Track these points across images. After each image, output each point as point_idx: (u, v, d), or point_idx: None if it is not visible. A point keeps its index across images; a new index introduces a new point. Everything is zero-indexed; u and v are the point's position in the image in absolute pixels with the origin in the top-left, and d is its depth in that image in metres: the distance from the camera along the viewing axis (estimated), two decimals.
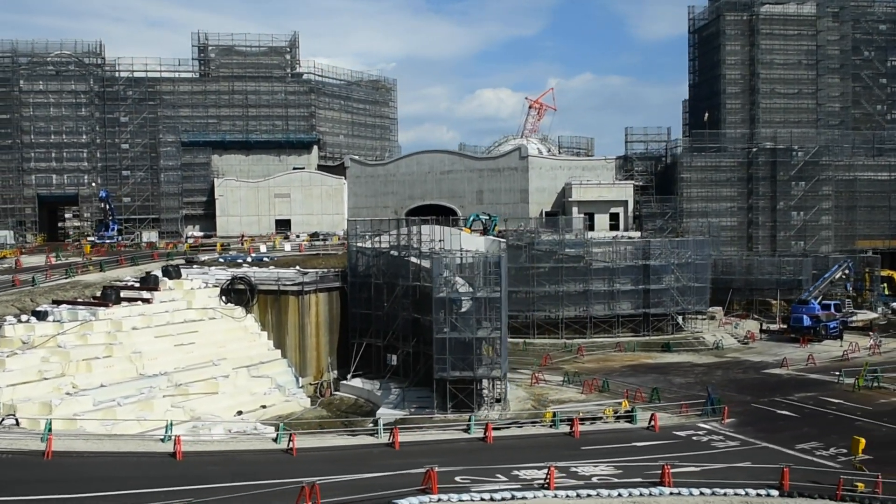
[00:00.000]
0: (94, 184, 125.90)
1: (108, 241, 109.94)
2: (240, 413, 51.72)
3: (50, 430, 36.01)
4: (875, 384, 57.78)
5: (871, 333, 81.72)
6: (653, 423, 46.82)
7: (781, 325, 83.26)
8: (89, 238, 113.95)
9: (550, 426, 46.09)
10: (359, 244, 65.06)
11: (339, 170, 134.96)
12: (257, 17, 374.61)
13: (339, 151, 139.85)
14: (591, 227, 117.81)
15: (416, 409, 51.49)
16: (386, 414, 50.93)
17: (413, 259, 59.51)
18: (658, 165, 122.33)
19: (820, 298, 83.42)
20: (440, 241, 59.78)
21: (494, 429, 45.53)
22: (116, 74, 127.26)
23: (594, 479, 36.53)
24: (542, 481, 34.93)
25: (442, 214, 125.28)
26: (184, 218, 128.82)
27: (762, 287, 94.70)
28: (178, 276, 64.24)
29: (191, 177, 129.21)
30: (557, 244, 79.10)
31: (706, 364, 69.30)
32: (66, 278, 68.03)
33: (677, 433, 45.83)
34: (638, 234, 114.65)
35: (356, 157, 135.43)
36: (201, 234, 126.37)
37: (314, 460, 38.14)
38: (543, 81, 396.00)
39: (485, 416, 48.99)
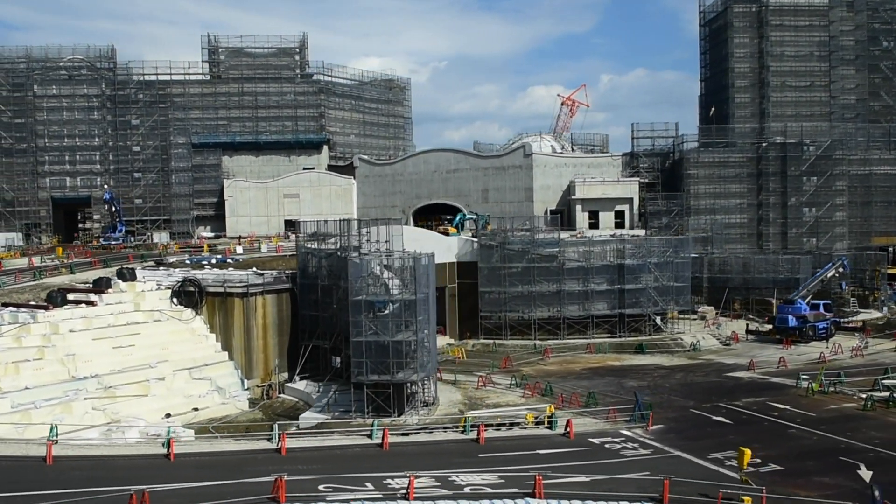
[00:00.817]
0: (105, 185, 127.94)
1: (113, 242, 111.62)
2: (168, 416, 51.67)
3: None
4: (831, 389, 55.50)
5: (857, 334, 78.71)
6: (569, 429, 45.59)
7: (767, 326, 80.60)
8: (100, 240, 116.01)
9: (461, 431, 45.15)
10: (308, 245, 64.76)
11: (349, 170, 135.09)
12: (305, 18, 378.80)
13: (351, 151, 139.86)
14: (596, 226, 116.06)
15: (340, 412, 50.91)
16: (308, 418, 50.59)
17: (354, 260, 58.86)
18: (666, 162, 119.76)
19: (809, 298, 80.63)
20: (385, 241, 58.96)
21: (402, 434, 44.94)
22: (129, 78, 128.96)
23: (466, 490, 35.63)
24: (405, 491, 34.18)
25: (449, 213, 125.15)
26: (195, 219, 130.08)
27: (759, 286, 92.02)
28: (133, 278, 64.62)
29: (201, 178, 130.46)
30: (529, 244, 77.67)
31: (673, 367, 67.41)
32: (34, 280, 69.17)
33: (593, 440, 44.50)
34: (643, 232, 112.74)
35: (365, 157, 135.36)
36: (212, 234, 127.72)
37: (189, 465, 37.95)
38: (596, 78, 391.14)
39: (403, 420, 48.27)
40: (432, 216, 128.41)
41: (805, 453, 42.06)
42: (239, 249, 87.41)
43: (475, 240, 79.78)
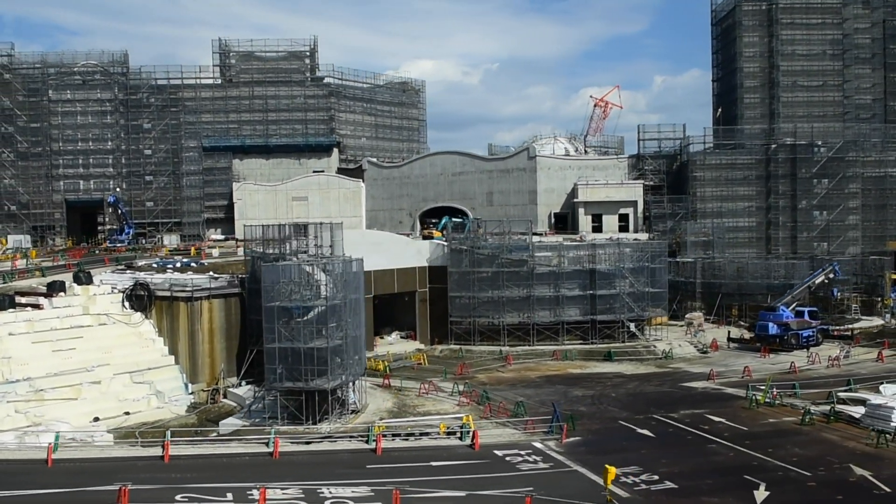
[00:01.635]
0: (117, 189, 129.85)
1: (119, 244, 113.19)
2: (96, 419, 51.81)
3: None
4: (777, 401, 53.34)
5: (839, 342, 75.84)
6: (469, 437, 44.60)
7: (750, 334, 78.04)
8: (107, 242, 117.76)
9: (365, 441, 44.39)
10: (256, 250, 64.54)
11: (359, 172, 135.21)
12: (360, 20, 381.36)
13: (363, 154, 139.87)
14: (600, 229, 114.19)
15: (261, 419, 50.44)
16: (228, 424, 50.21)
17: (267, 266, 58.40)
18: (674, 164, 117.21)
19: (794, 305, 77.95)
20: (329, 245, 58.38)
21: (305, 443, 44.37)
22: (141, 82, 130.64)
23: (327, 503, 34.85)
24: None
25: (455, 217, 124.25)
26: (205, 221, 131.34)
27: (753, 291, 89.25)
28: (89, 281, 65.13)
29: (212, 181, 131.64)
30: (498, 248, 76.43)
31: (633, 375, 65.60)
32: (3, 283, 70.18)
33: (497, 452, 43.26)
34: (646, 235, 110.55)
35: (373, 160, 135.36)
36: (222, 237, 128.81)
37: (62, 472, 37.89)
38: (650, 79, 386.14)
39: (317, 428, 47.61)
40: (439, 219, 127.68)
41: (710, 471, 40.30)
42: (215, 252, 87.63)
43: (446, 243, 78.78)
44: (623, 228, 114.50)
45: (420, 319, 77.85)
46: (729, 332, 79.89)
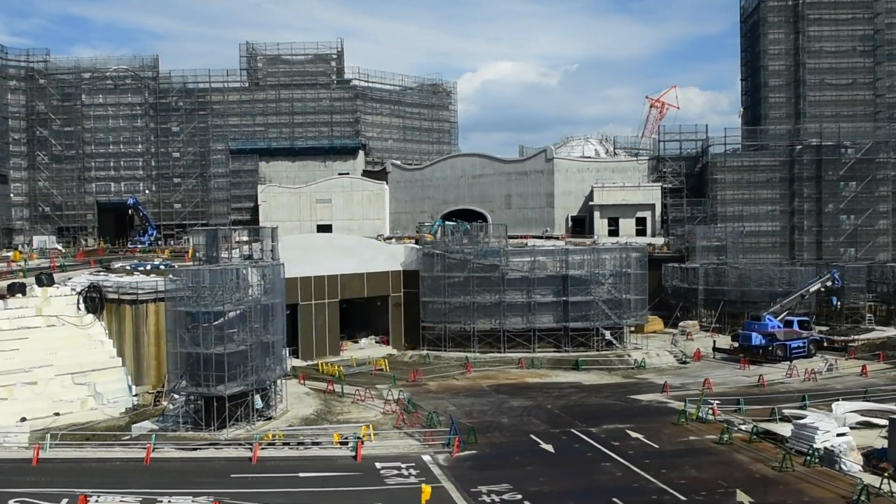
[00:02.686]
0: (145, 191, 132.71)
1: (139, 246, 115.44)
2: (23, 419, 52.38)
3: None
4: (710, 417, 50.56)
5: (822, 356, 71.83)
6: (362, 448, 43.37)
7: (733, 344, 74.52)
8: (128, 243, 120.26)
9: (249, 448, 43.64)
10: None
11: (384, 175, 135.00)
12: (443, 24, 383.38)
13: (390, 156, 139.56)
14: (616, 233, 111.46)
15: (174, 424, 50.18)
16: (141, 427, 50.10)
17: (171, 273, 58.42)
18: (696, 166, 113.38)
19: (784, 315, 74.24)
20: (268, 251, 57.86)
21: (192, 449, 43.92)
22: (171, 86, 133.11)
23: None
24: None
25: (475, 219, 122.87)
26: (232, 223, 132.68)
27: (756, 300, 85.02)
28: (50, 283, 66.12)
29: (239, 183, 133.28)
30: (469, 252, 74.81)
31: (590, 386, 63.14)
32: None
33: (377, 464, 41.78)
34: (662, 240, 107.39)
35: (396, 162, 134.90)
36: (248, 238, 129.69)
37: None
38: (734, 80, 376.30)
39: (217, 435, 47.06)
40: (459, 221, 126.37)
41: (581, 491, 38.18)
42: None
43: (419, 248, 77.56)
44: (640, 232, 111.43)
45: (393, 324, 76.84)
46: (714, 341, 76.44)
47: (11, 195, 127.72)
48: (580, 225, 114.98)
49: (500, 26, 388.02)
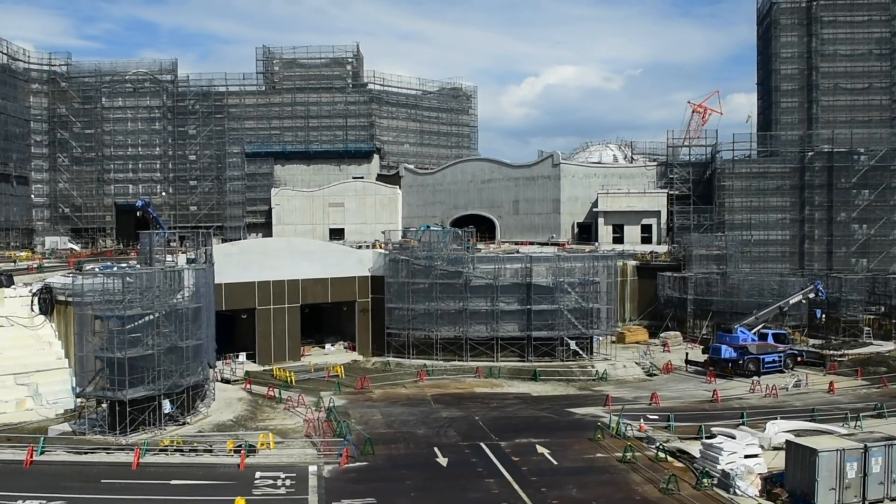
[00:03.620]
0: (164, 193, 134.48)
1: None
2: None
3: None
4: (628, 432, 48.49)
5: (791, 372, 68.69)
6: (255, 456, 42.67)
7: (704, 357, 71.71)
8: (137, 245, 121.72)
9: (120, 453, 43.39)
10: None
11: (398, 179, 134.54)
12: (509, 27, 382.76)
13: (406, 160, 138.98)
14: (621, 240, 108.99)
15: (89, 427, 50.06)
16: (57, 430, 50.15)
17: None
18: (705, 172, 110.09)
19: (760, 327, 71.27)
20: (203, 252, 57.66)
21: (84, 453, 43.73)
22: (188, 89, 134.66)
23: None
24: None
25: (484, 224, 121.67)
26: (246, 226, 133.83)
27: (745, 310, 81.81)
28: (10, 284, 66.85)
29: (254, 186, 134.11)
30: (433, 258, 73.50)
31: (537, 398, 61.22)
32: None
33: (257, 474, 40.81)
34: (666, 248, 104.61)
35: (409, 166, 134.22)
36: (191, 243, 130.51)
37: None
38: None
39: (125, 440, 46.71)
40: (467, 226, 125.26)
41: None
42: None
43: (386, 253, 76.57)
44: (646, 240, 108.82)
45: (360, 330, 75.98)
46: (687, 353, 73.73)
47: (32, 196, 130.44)
48: (587, 231, 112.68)
49: (563, 31, 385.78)
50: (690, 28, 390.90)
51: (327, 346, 77.30)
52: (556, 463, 43.55)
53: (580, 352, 71.52)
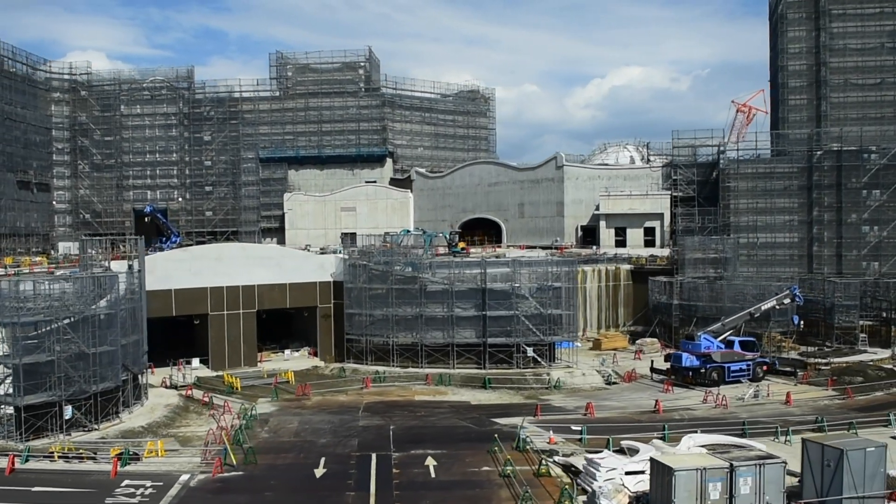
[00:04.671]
0: (180, 199, 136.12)
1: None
2: None
3: None
4: (528, 447, 46.33)
5: (758, 380, 65.38)
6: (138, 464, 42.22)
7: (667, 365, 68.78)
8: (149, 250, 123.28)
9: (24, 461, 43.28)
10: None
11: (410, 183, 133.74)
12: (570, 29, 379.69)
13: (421, 164, 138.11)
14: (623, 244, 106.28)
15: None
16: None
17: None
18: (712, 173, 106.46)
19: (728, 334, 68.12)
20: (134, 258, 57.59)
21: None
22: (204, 96, 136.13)
23: None
24: None
25: (492, 228, 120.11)
26: (261, 231, 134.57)
27: (728, 316, 78.78)
28: None
29: (268, 191, 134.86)
30: (389, 264, 72.15)
31: (473, 406, 59.17)
32: None
33: (126, 481, 40.15)
34: (667, 251, 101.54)
35: (420, 170, 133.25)
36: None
37: None
38: None
39: (21, 445, 46.66)
40: (477, 230, 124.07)
41: None
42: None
43: (346, 258, 75.54)
44: (649, 243, 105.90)
45: (323, 335, 75.09)
46: (652, 361, 70.82)
47: (54, 203, 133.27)
48: (591, 235, 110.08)
49: (630, 32, 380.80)
50: (759, 27, 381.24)
51: (287, 351, 76.65)
52: (433, 476, 41.89)
53: (539, 359, 69.34)
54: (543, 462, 42.09)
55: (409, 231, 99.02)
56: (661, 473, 34.60)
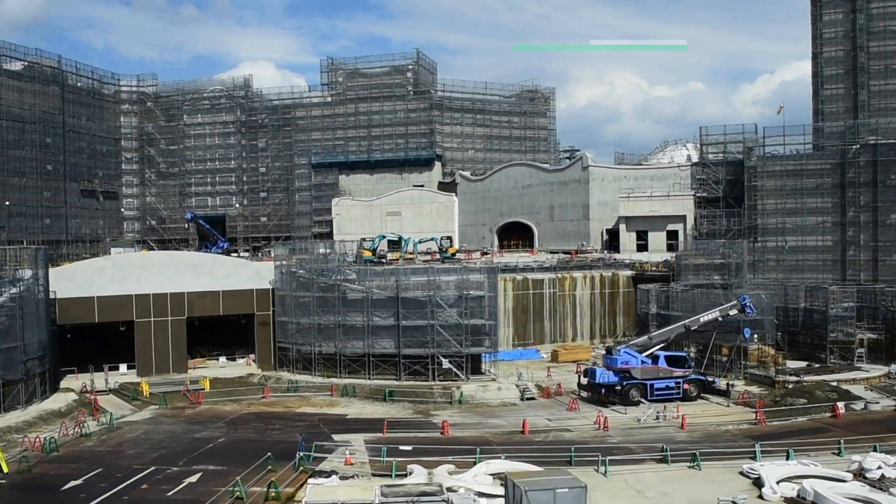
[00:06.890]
0: (238, 205, 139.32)
1: None
2: None
3: None
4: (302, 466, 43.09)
5: (653, 404, 58.53)
6: None
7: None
8: None
9: None
10: None
11: (454, 186, 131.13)
12: (736, 24, 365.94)
13: (474, 167, 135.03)
14: (645, 247, 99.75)
15: None
16: None
17: None
18: (742, 172, 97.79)
19: (657, 348, 61.76)
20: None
21: None
22: (260, 104, 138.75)
23: None
24: None
25: (527, 233, 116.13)
26: (313, 236, 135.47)
27: (703, 327, 71.76)
28: None
29: (320, 196, 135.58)
30: (314, 271, 69.78)
31: (347, 419, 56.21)
32: None
33: None
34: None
35: (464, 173, 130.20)
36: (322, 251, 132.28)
37: None
38: None
39: None
40: (514, 234, 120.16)
41: None
42: None
43: (279, 265, 73.82)
44: (671, 247, 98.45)
45: (261, 343, 73.74)
46: (579, 376, 65.06)
47: (123, 210, 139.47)
48: (617, 238, 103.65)
49: (802, 26, 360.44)
50: None
51: (223, 358, 75.90)
52: (168, 495, 39.66)
53: (457, 371, 65.28)
54: (235, 485, 38.72)
55: (384, 236, 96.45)
56: None
